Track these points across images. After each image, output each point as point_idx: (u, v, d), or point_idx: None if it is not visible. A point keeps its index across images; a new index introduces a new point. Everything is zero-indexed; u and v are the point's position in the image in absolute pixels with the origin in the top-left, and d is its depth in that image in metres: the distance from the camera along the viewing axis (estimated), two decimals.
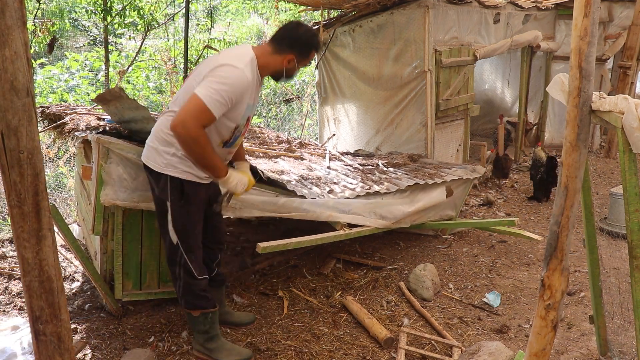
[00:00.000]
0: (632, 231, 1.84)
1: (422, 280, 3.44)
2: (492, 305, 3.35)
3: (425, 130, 5.19)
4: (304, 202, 3.28)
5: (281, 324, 3.07)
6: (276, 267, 3.85)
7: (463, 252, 4.15)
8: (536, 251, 4.20)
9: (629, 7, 7.16)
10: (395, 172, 4.28)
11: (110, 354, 2.76)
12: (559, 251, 1.97)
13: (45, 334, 1.83)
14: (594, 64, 1.85)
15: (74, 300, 3.35)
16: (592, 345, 2.85)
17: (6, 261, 3.98)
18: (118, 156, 2.84)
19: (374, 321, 3.01)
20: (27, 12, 1.71)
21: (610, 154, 7.36)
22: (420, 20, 4.96)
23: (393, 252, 4.11)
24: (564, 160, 1.93)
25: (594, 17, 1.79)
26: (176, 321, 3.08)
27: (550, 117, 7.44)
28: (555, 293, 2.00)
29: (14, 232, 1.74)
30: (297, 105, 9.48)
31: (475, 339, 2.96)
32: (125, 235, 3.00)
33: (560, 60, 7.09)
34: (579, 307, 3.32)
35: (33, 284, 1.78)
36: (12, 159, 1.67)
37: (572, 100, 1.88)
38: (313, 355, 2.77)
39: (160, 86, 10.09)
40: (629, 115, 1.73)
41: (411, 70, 5.12)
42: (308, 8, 5.81)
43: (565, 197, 1.93)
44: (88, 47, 10.93)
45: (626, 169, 1.81)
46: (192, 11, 10.06)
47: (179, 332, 2.97)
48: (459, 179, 4.20)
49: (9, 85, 1.61)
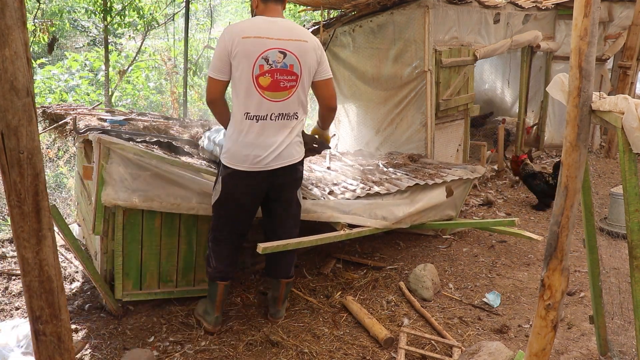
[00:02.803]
0: (632, 231, 1.84)
1: (422, 280, 3.44)
2: (492, 305, 3.35)
3: (425, 130, 5.19)
4: (305, 202, 3.29)
5: (281, 324, 3.07)
6: None
7: (463, 252, 4.15)
8: (536, 251, 4.20)
9: (629, 7, 7.16)
10: (395, 172, 4.28)
11: (110, 354, 2.76)
12: (559, 251, 1.97)
13: (45, 334, 1.83)
14: (594, 64, 1.85)
15: (74, 300, 3.35)
16: (592, 345, 2.85)
17: (6, 261, 3.98)
18: (119, 156, 2.85)
19: (374, 321, 3.01)
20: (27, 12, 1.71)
21: (610, 154, 7.36)
22: (420, 20, 4.96)
23: (393, 252, 4.11)
24: (564, 160, 1.93)
25: (594, 17, 1.79)
26: (176, 321, 3.08)
27: (550, 117, 7.44)
28: (555, 293, 2.00)
29: (14, 232, 1.74)
30: None
31: (475, 339, 2.96)
32: (125, 235, 3.00)
33: (560, 60, 7.09)
34: (579, 307, 3.32)
35: (33, 284, 1.78)
36: (12, 159, 1.67)
37: (572, 100, 1.88)
38: (313, 355, 2.77)
39: (160, 86, 10.09)
40: (629, 115, 1.73)
41: (411, 70, 5.12)
42: (308, 8, 5.81)
43: (565, 197, 1.93)
44: (88, 47, 10.93)
45: (626, 169, 1.81)
46: (192, 11, 10.06)
47: (179, 332, 2.97)
48: (459, 179, 4.20)
49: (9, 85, 1.61)
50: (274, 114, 2.69)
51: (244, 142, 2.70)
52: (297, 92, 2.72)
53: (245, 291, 3.47)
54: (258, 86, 2.64)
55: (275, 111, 2.69)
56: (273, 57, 2.63)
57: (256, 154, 2.70)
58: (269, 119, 2.69)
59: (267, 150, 2.71)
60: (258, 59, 2.60)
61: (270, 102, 2.67)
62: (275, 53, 2.62)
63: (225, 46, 2.60)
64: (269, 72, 2.63)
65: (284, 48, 2.64)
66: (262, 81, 2.63)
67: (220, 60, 2.63)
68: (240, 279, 3.67)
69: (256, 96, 2.65)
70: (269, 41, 2.62)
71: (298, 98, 2.74)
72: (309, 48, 2.70)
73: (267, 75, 2.63)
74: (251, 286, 3.55)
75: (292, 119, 2.75)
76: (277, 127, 2.71)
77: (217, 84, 2.68)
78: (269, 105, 2.67)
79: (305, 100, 2.80)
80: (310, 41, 2.72)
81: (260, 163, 2.72)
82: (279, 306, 3.10)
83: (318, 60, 2.76)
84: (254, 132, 2.69)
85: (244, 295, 3.41)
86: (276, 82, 2.65)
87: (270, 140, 2.71)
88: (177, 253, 3.17)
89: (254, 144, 2.70)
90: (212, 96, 2.73)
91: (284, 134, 2.73)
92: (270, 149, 2.71)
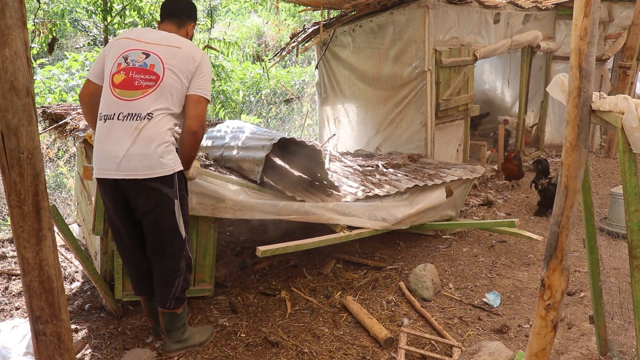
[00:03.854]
0: (632, 231, 1.84)
1: (422, 280, 3.44)
2: (492, 305, 3.35)
3: (425, 130, 5.19)
4: (304, 204, 3.29)
5: (281, 324, 3.07)
6: (276, 267, 3.85)
7: (463, 252, 4.15)
8: (536, 251, 4.20)
9: (629, 7, 7.16)
10: (395, 173, 4.28)
11: (110, 354, 2.76)
12: (559, 251, 1.97)
13: (45, 334, 1.83)
14: (594, 64, 1.85)
15: (74, 300, 3.35)
16: (592, 345, 2.85)
17: (6, 261, 3.98)
18: None
19: (374, 321, 3.01)
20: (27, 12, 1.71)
21: (610, 154, 7.36)
22: (420, 20, 4.96)
23: (393, 252, 4.11)
24: (564, 160, 1.93)
25: (594, 17, 1.79)
26: None
27: (550, 117, 7.44)
28: (555, 293, 2.00)
29: (14, 232, 1.74)
30: (297, 105, 9.48)
31: (475, 339, 2.96)
32: None
33: (560, 60, 7.09)
34: (579, 307, 3.32)
35: (33, 284, 1.78)
36: (12, 159, 1.67)
37: (572, 100, 1.88)
38: (313, 355, 2.77)
39: None
40: (629, 115, 1.73)
41: (411, 70, 5.12)
42: (308, 8, 5.81)
43: (565, 197, 1.93)
44: (88, 47, 10.93)
45: (626, 169, 1.81)
46: None
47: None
48: (459, 179, 4.20)
49: (9, 85, 1.61)
50: (122, 114, 2.42)
51: (96, 146, 2.49)
52: (156, 92, 2.45)
53: (245, 291, 3.47)
54: (111, 84, 2.48)
55: (124, 110, 2.43)
56: (133, 56, 2.50)
57: (102, 157, 2.45)
58: (115, 119, 2.42)
59: (112, 155, 2.42)
60: (118, 58, 2.51)
61: (120, 101, 2.44)
62: (137, 53, 2.51)
63: (104, 48, 2.63)
64: (124, 69, 2.48)
65: (148, 50, 2.52)
66: (116, 78, 2.47)
67: (96, 61, 2.60)
68: (240, 279, 3.67)
69: (108, 94, 2.48)
70: (136, 43, 2.54)
71: (156, 99, 2.45)
72: (182, 54, 2.52)
73: (122, 72, 2.47)
74: (251, 286, 3.55)
75: (143, 120, 2.42)
76: (124, 128, 2.41)
77: (86, 84, 2.61)
78: (118, 103, 2.44)
79: (172, 105, 2.49)
80: (185, 48, 2.55)
81: (105, 170, 2.44)
82: (164, 337, 2.77)
83: (193, 71, 2.52)
84: (102, 134, 2.45)
85: (244, 295, 3.41)
86: (130, 80, 2.46)
87: (115, 145, 2.41)
88: None
89: (99, 146, 2.46)
90: (80, 95, 2.65)
91: (131, 137, 2.40)
92: (114, 153, 2.41)
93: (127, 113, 2.42)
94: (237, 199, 3.09)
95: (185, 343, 2.77)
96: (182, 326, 2.76)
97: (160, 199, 2.48)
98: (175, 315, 2.70)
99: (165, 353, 2.76)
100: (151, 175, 2.41)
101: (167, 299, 2.66)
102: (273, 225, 4.39)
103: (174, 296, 2.66)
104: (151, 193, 2.46)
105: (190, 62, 2.52)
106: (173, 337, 2.74)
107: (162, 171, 2.43)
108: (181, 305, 2.71)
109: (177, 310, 2.70)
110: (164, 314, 2.69)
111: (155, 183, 2.44)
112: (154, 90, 2.45)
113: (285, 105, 9.55)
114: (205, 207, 3.01)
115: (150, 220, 2.54)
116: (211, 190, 3.02)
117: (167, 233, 2.58)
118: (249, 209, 3.14)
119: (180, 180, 2.57)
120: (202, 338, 2.84)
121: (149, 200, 2.48)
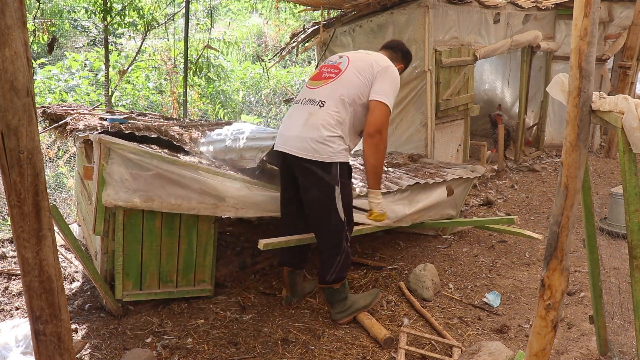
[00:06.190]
0: (632, 231, 1.84)
1: (422, 280, 3.44)
2: (492, 305, 3.35)
3: (425, 130, 5.19)
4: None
5: (281, 324, 3.07)
6: (276, 267, 3.85)
7: (463, 252, 4.15)
8: (536, 251, 4.20)
9: (629, 7, 7.16)
10: (395, 171, 4.28)
11: (110, 354, 2.76)
12: (559, 251, 1.97)
13: (45, 334, 1.83)
14: (594, 64, 1.85)
15: (74, 300, 3.35)
16: (592, 345, 2.85)
17: (6, 261, 3.98)
18: (120, 156, 2.84)
19: (373, 321, 3.01)
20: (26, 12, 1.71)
21: (610, 154, 7.36)
22: (420, 20, 4.96)
23: (393, 252, 4.11)
24: (564, 160, 1.93)
25: (594, 17, 1.79)
26: (176, 321, 3.08)
27: (550, 117, 7.44)
28: (555, 293, 2.00)
29: (14, 232, 1.74)
30: None
31: (475, 339, 2.96)
32: (126, 235, 3.00)
33: (560, 60, 7.10)
34: (579, 307, 3.32)
35: (33, 284, 1.78)
36: (12, 159, 1.67)
37: (572, 100, 1.88)
38: (313, 355, 2.77)
39: (160, 86, 10.09)
40: (629, 115, 1.73)
41: (411, 70, 5.12)
42: (308, 8, 5.81)
43: (565, 197, 1.93)
44: (88, 47, 10.94)
45: (626, 169, 1.81)
46: (192, 11, 10.06)
47: (178, 332, 2.97)
48: (460, 178, 4.21)
49: (9, 85, 1.61)
50: (305, 99, 2.95)
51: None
52: (335, 83, 2.89)
53: (246, 291, 3.47)
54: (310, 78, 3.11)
55: (307, 96, 2.95)
56: (333, 59, 3.09)
57: (279, 134, 3.03)
58: (299, 103, 2.97)
59: (284, 134, 2.95)
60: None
61: (307, 89, 3.01)
62: (335, 57, 3.10)
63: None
64: (322, 66, 3.10)
65: (344, 54, 3.07)
66: (314, 75, 3.10)
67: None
68: (240, 279, 3.67)
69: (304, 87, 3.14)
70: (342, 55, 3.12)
71: (334, 90, 2.87)
72: (368, 58, 2.96)
73: (317, 68, 3.13)
74: (251, 286, 3.56)
75: (317, 105, 2.86)
76: (302, 110, 2.91)
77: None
78: (306, 91, 3.01)
79: (346, 98, 2.84)
80: (374, 56, 3.00)
81: (278, 144, 2.97)
82: (328, 308, 3.16)
83: (374, 74, 2.89)
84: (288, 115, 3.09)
85: (244, 295, 3.41)
86: (319, 73, 3.03)
87: (295, 121, 2.91)
88: (177, 253, 3.17)
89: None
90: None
91: (304, 118, 2.86)
92: (287, 133, 2.92)
93: (308, 99, 2.93)
94: (238, 195, 3.07)
95: (349, 310, 3.04)
96: (343, 299, 3.02)
97: (317, 181, 2.83)
98: (333, 290, 2.99)
99: (333, 321, 3.05)
100: (307, 156, 2.80)
101: (326, 274, 2.95)
102: (273, 225, 4.40)
103: (334, 272, 2.94)
104: (304, 169, 2.84)
105: (373, 66, 2.89)
106: (335, 308, 3.04)
107: (319, 156, 2.79)
108: (339, 282, 2.97)
109: (334, 285, 2.97)
110: (323, 289, 3.02)
111: (311, 164, 2.81)
112: (334, 80, 2.90)
113: (285, 105, 9.54)
114: (206, 206, 3.01)
115: (308, 199, 2.90)
116: (211, 187, 3.01)
117: (324, 214, 2.89)
118: (249, 206, 3.13)
119: (343, 169, 2.88)
120: (366, 301, 3.09)
121: (305, 171, 2.84)
